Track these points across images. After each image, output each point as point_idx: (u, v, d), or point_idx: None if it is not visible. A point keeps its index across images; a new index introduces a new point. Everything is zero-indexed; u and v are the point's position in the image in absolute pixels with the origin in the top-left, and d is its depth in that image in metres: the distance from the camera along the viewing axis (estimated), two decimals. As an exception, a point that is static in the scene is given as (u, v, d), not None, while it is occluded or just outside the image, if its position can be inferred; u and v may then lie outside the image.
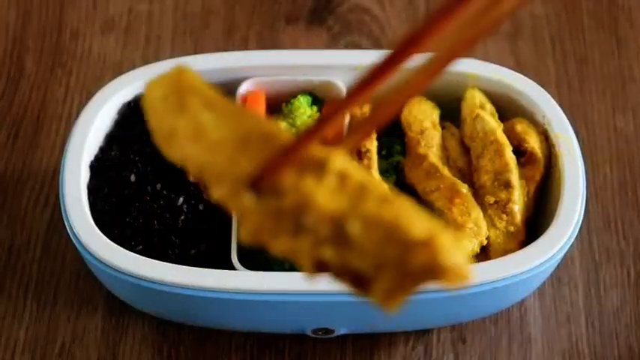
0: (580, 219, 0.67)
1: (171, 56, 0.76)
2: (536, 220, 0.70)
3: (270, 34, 0.89)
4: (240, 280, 0.64)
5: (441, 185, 0.68)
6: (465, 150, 0.73)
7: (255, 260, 0.66)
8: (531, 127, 0.71)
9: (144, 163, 0.70)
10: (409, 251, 0.29)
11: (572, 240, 0.66)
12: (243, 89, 0.73)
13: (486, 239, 0.67)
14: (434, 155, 0.71)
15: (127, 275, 0.64)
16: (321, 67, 0.74)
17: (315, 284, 0.63)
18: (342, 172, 0.31)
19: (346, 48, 0.87)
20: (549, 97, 0.72)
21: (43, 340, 0.72)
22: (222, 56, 0.74)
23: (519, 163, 0.70)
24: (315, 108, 0.73)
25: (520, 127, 0.71)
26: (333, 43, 0.88)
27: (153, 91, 0.36)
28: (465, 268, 0.29)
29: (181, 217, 0.68)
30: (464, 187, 0.68)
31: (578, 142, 0.70)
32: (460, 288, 0.29)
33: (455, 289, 0.29)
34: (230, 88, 0.73)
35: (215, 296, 0.64)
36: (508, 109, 0.73)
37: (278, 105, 0.74)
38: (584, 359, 0.72)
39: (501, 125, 0.72)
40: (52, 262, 0.75)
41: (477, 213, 0.67)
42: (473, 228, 0.66)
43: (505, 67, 0.74)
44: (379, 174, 0.69)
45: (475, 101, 0.72)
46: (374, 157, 0.70)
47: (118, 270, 0.64)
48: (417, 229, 0.29)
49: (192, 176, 0.34)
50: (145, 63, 0.75)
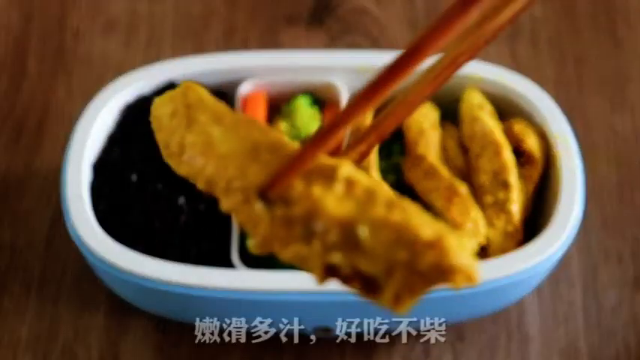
0: (578, 219, 0.67)
1: (172, 57, 0.76)
2: (535, 220, 0.70)
3: (271, 34, 0.89)
4: (241, 279, 0.64)
5: (440, 185, 0.68)
6: (464, 150, 0.73)
7: (257, 259, 0.67)
8: (529, 128, 0.72)
9: (145, 163, 0.70)
10: (418, 252, 0.30)
11: (570, 240, 0.67)
12: (243, 90, 0.73)
13: (485, 239, 0.68)
14: (433, 155, 0.71)
15: (128, 274, 0.64)
16: (321, 67, 0.74)
17: (317, 284, 0.63)
18: (349, 179, 0.32)
19: (346, 48, 0.87)
20: (547, 97, 0.73)
21: (45, 339, 0.72)
22: (222, 57, 0.75)
23: (518, 163, 0.71)
24: (316, 108, 0.74)
25: (518, 127, 0.72)
26: (333, 43, 0.89)
27: (160, 108, 0.36)
28: (474, 268, 0.30)
29: (182, 217, 0.68)
30: (463, 187, 0.69)
31: (576, 142, 0.71)
32: (468, 288, 0.29)
33: (463, 289, 0.30)
34: (230, 88, 0.74)
35: (216, 295, 0.64)
36: (506, 109, 0.74)
37: (278, 105, 0.75)
38: (582, 358, 0.72)
39: (500, 125, 0.72)
40: (54, 262, 0.76)
41: (475, 213, 0.68)
42: (472, 228, 0.67)
43: (503, 67, 0.75)
44: (379, 174, 0.70)
45: (474, 102, 0.73)
46: (373, 158, 0.70)
47: (119, 269, 0.64)
48: (425, 231, 0.30)
49: (201, 188, 0.35)
50: (146, 63, 0.75)
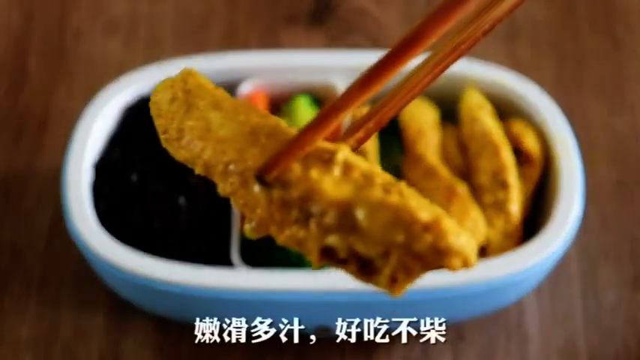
0: (577, 218, 0.67)
1: (173, 57, 0.77)
2: (534, 220, 0.71)
3: (271, 34, 0.90)
4: (241, 279, 0.64)
5: (439, 185, 0.69)
6: (464, 150, 0.73)
7: (257, 259, 0.67)
8: (529, 128, 0.72)
9: (145, 163, 0.70)
10: (415, 234, 0.30)
11: (569, 239, 0.67)
12: (243, 90, 0.74)
13: (485, 239, 0.68)
14: (432, 155, 0.72)
15: (128, 273, 0.64)
16: (321, 67, 0.74)
17: (315, 282, 0.63)
18: (347, 163, 0.32)
19: (346, 48, 0.87)
20: (547, 97, 0.73)
21: (45, 338, 0.72)
22: (222, 57, 0.75)
23: (517, 163, 0.71)
24: (315, 108, 0.74)
25: (517, 127, 0.72)
26: (332, 43, 0.89)
27: (160, 94, 0.37)
28: (470, 250, 0.30)
29: (182, 217, 0.69)
30: (462, 188, 0.69)
31: (575, 142, 0.71)
32: (465, 270, 0.30)
33: (459, 272, 0.30)
34: (230, 88, 0.74)
35: (216, 294, 0.64)
36: (506, 109, 0.74)
37: (278, 105, 0.75)
38: (581, 357, 0.72)
39: (500, 125, 0.72)
40: (54, 262, 0.76)
41: (475, 213, 0.68)
42: (471, 228, 0.67)
43: (503, 68, 0.75)
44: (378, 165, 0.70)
45: (473, 102, 0.73)
46: (372, 148, 0.70)
47: (119, 268, 0.64)
48: (423, 213, 0.30)
49: (199, 173, 0.35)
50: (147, 63, 0.75)
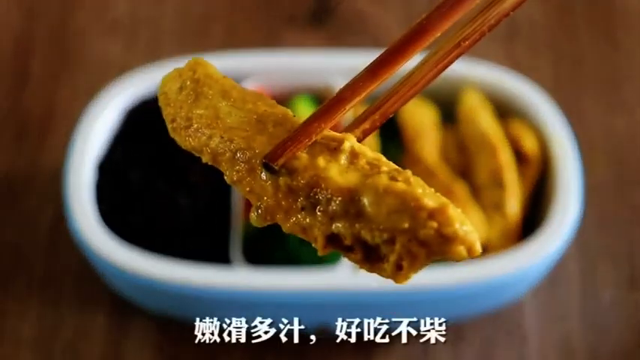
0: (575, 218, 0.68)
1: (174, 57, 0.77)
2: (533, 219, 0.71)
3: (271, 35, 0.90)
4: (242, 278, 0.65)
5: (437, 185, 0.69)
6: (463, 150, 0.73)
7: (258, 256, 0.67)
8: (527, 128, 0.72)
9: (147, 162, 0.71)
10: (421, 220, 0.30)
11: (567, 239, 0.67)
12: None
13: (483, 239, 0.68)
14: (431, 155, 0.72)
15: (130, 273, 0.65)
16: (321, 68, 0.75)
17: (315, 281, 0.64)
18: (353, 151, 0.33)
19: (346, 49, 0.87)
20: (546, 98, 0.73)
21: (47, 337, 0.73)
22: (222, 57, 0.75)
23: (516, 162, 0.71)
24: (315, 108, 0.74)
25: (516, 127, 0.72)
26: (333, 43, 0.89)
27: (168, 84, 0.37)
28: (475, 238, 0.30)
29: (183, 216, 0.69)
30: (460, 187, 0.69)
31: (573, 142, 0.71)
32: (470, 258, 0.30)
33: (464, 261, 0.30)
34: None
35: (216, 293, 0.65)
36: (505, 109, 0.74)
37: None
38: (579, 356, 0.72)
39: (499, 125, 0.72)
40: (56, 261, 0.76)
41: (473, 213, 0.68)
42: None
43: (502, 68, 0.75)
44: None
45: (472, 103, 0.73)
46: (374, 143, 0.70)
47: (120, 268, 0.65)
48: (429, 200, 0.31)
49: (206, 161, 0.35)
50: (148, 64, 0.76)
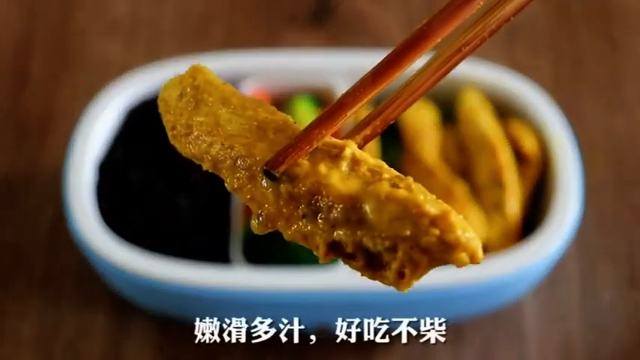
0: (575, 218, 0.68)
1: (174, 57, 0.77)
2: (533, 219, 0.71)
3: (271, 35, 0.90)
4: (242, 277, 0.65)
5: (437, 185, 0.69)
6: (463, 150, 0.73)
7: (258, 256, 0.67)
8: (527, 128, 0.72)
9: (147, 162, 0.71)
10: (423, 227, 0.30)
11: (567, 239, 0.67)
12: (244, 90, 0.74)
13: (483, 239, 0.68)
14: (431, 155, 0.72)
15: (130, 273, 0.65)
16: (322, 67, 0.75)
17: (315, 281, 0.64)
18: (354, 158, 0.33)
19: (346, 49, 0.88)
20: (545, 98, 0.73)
21: (47, 337, 0.73)
22: (223, 57, 0.75)
23: (516, 162, 0.71)
24: (315, 109, 0.74)
25: (516, 127, 0.72)
26: (333, 43, 0.89)
27: (168, 91, 0.37)
28: (478, 245, 0.30)
29: (183, 216, 0.69)
30: (460, 187, 0.69)
31: (573, 142, 0.71)
32: (472, 264, 0.30)
33: (466, 267, 0.30)
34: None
35: (216, 292, 0.65)
36: (505, 109, 0.74)
37: (278, 106, 0.75)
38: (579, 356, 0.72)
39: (499, 125, 0.72)
40: (56, 261, 0.76)
41: (473, 213, 0.68)
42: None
43: (502, 68, 0.75)
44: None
45: (472, 103, 0.73)
46: (375, 149, 0.71)
47: (120, 268, 0.65)
48: (431, 207, 0.31)
49: (207, 169, 0.35)
50: (148, 64, 0.76)
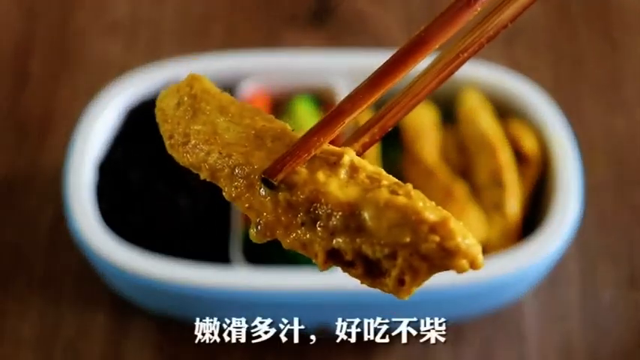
0: (575, 218, 0.68)
1: (174, 57, 0.77)
2: (533, 219, 0.71)
3: (272, 35, 0.90)
4: (242, 278, 0.65)
5: (437, 185, 0.69)
6: (463, 150, 0.74)
7: (257, 256, 0.67)
8: (527, 128, 0.72)
9: (147, 162, 0.71)
10: (423, 234, 0.30)
11: (567, 239, 0.67)
12: (244, 90, 0.74)
13: (483, 238, 0.68)
14: (431, 155, 0.72)
15: (129, 273, 0.65)
16: (322, 68, 0.75)
17: (315, 282, 0.64)
18: (353, 165, 0.33)
19: (346, 49, 0.88)
20: (545, 98, 0.73)
21: (47, 337, 0.73)
22: (223, 57, 0.75)
23: (516, 162, 0.71)
24: (316, 109, 0.74)
25: (516, 127, 0.72)
26: (333, 43, 0.89)
27: (165, 100, 0.37)
28: (478, 251, 0.30)
29: (183, 216, 0.69)
30: (459, 189, 0.69)
31: (573, 142, 0.71)
32: (473, 270, 0.30)
33: (466, 273, 0.30)
34: (231, 89, 0.74)
35: (216, 293, 0.65)
36: (505, 109, 0.74)
37: (278, 106, 0.75)
38: (579, 356, 0.72)
39: (499, 125, 0.72)
40: (57, 261, 0.76)
41: (473, 213, 0.68)
42: (469, 228, 0.67)
43: (502, 68, 0.75)
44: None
45: (472, 103, 0.73)
46: (373, 162, 0.70)
47: (120, 268, 0.65)
48: (430, 214, 0.31)
49: (205, 178, 0.35)
50: (148, 64, 0.76)
